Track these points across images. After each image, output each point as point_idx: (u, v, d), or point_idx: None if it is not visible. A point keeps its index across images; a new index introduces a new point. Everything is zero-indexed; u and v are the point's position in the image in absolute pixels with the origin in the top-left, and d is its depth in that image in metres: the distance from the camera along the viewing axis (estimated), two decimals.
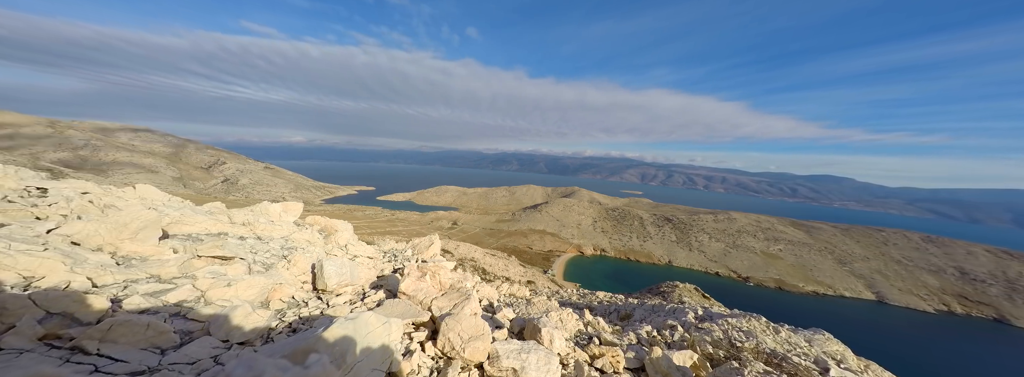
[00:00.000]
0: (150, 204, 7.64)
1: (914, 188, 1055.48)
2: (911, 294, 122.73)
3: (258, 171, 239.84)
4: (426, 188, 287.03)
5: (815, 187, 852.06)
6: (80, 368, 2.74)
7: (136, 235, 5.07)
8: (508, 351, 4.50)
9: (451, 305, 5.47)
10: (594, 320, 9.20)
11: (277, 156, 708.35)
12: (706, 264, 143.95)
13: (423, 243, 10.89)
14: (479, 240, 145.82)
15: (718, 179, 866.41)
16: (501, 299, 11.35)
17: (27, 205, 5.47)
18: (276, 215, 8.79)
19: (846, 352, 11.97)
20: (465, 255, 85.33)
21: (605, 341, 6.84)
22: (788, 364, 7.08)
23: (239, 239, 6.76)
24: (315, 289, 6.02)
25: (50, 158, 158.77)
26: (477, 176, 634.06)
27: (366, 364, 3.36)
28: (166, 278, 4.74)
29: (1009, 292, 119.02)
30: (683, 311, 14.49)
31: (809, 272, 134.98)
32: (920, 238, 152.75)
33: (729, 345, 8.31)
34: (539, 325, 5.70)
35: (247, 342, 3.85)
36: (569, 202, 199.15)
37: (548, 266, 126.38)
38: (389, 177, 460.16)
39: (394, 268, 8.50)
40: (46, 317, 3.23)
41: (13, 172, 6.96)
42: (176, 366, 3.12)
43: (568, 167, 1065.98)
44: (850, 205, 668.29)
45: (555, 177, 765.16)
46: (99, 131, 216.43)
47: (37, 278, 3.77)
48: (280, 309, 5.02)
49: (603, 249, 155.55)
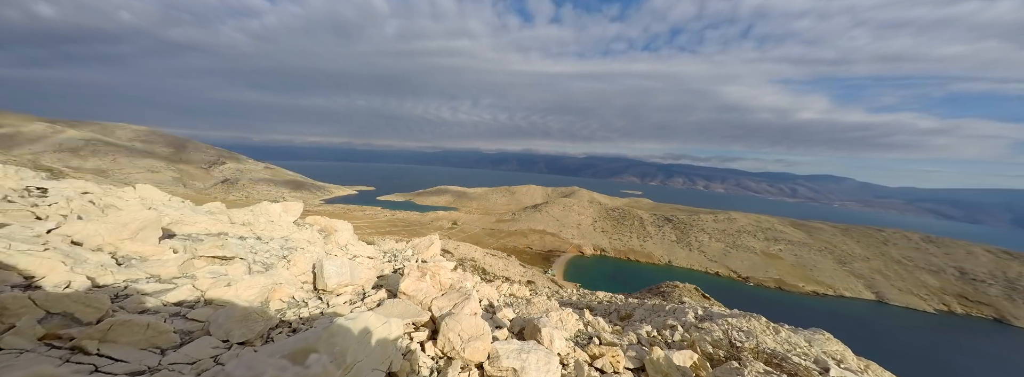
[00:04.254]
0: (150, 204, 7.64)
1: (914, 188, 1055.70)
2: (911, 294, 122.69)
3: (258, 171, 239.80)
4: (426, 188, 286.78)
5: (815, 187, 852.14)
6: (80, 368, 2.74)
7: (136, 235, 5.07)
8: (508, 351, 4.50)
9: (451, 305, 5.47)
10: (594, 320, 9.19)
11: (277, 156, 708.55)
12: (706, 264, 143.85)
13: (423, 243, 10.89)
14: (479, 240, 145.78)
15: (718, 179, 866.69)
16: (501, 299, 11.35)
17: (27, 205, 5.48)
18: (276, 215, 8.79)
19: (846, 352, 11.98)
20: (465, 255, 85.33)
21: (605, 341, 6.84)
22: (788, 364, 7.08)
23: (239, 239, 6.76)
24: (315, 289, 6.02)
25: (50, 158, 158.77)
26: (477, 176, 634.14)
27: (366, 364, 3.36)
28: (166, 278, 4.74)
29: (1009, 292, 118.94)
30: (683, 311, 14.49)
31: (809, 272, 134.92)
32: (920, 238, 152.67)
33: (729, 345, 8.31)
34: (539, 325, 5.70)
35: (247, 342, 3.85)
36: (569, 202, 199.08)
37: (548, 266, 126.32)
38: (389, 177, 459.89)
39: (394, 268, 8.51)
40: (46, 317, 3.23)
41: (13, 172, 6.96)
42: (176, 366, 3.12)
43: (568, 167, 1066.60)
44: (850, 205, 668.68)
45: (555, 177, 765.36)
46: (99, 131, 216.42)
47: (37, 278, 3.77)
48: (280, 309, 5.03)
49: (603, 249, 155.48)
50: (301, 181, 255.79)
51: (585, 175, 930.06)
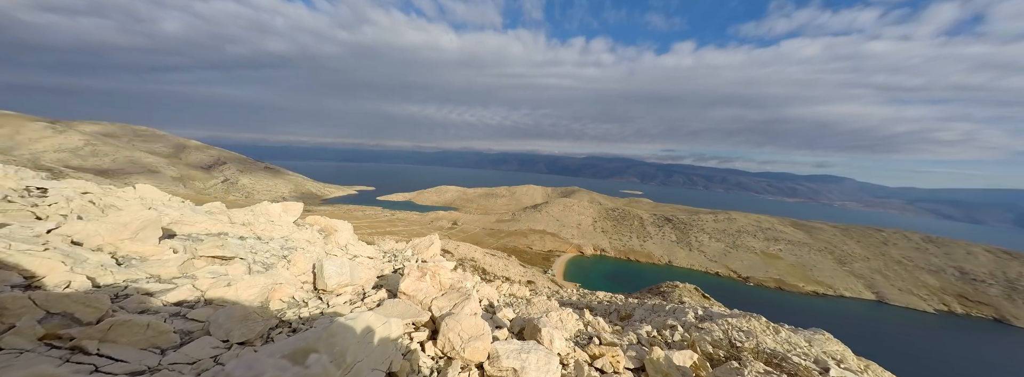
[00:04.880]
0: (150, 204, 7.64)
1: (914, 188, 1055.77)
2: (911, 294, 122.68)
3: (258, 171, 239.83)
4: (426, 188, 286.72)
5: (815, 187, 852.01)
6: (80, 368, 2.74)
7: (136, 235, 5.07)
8: (508, 351, 4.50)
9: (451, 305, 5.47)
10: (594, 320, 9.19)
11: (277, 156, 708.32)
12: (706, 264, 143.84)
13: (423, 243, 10.89)
14: (479, 240, 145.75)
15: (718, 179, 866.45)
16: (501, 299, 11.35)
17: (27, 205, 5.48)
18: (276, 215, 8.79)
19: (846, 352, 11.98)
20: (465, 255, 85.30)
21: (605, 341, 6.84)
22: (788, 364, 7.08)
23: (239, 239, 6.76)
24: (315, 289, 6.02)
25: (50, 158, 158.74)
26: (477, 176, 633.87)
27: (366, 364, 3.36)
28: (166, 278, 4.74)
29: (1009, 292, 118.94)
30: (683, 311, 14.49)
31: (809, 272, 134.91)
32: (920, 238, 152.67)
33: (729, 345, 8.31)
34: (539, 325, 5.70)
35: (247, 342, 3.85)
36: (569, 202, 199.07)
37: (548, 266, 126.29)
38: (389, 177, 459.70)
39: (394, 268, 8.51)
40: (46, 317, 3.23)
41: (13, 172, 6.96)
42: (176, 366, 3.12)
43: (568, 167, 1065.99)
44: (850, 205, 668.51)
45: (555, 177, 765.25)
46: (100, 131, 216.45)
47: (37, 278, 3.77)
48: (280, 309, 5.02)
49: (603, 249, 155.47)
50: (301, 181, 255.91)
51: (585, 175, 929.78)
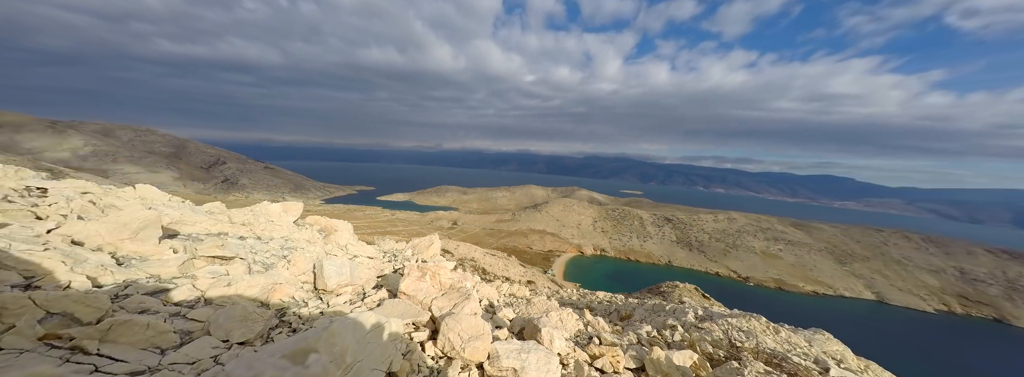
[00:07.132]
0: (150, 204, 7.64)
1: (914, 188, 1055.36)
2: (911, 294, 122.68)
3: (258, 171, 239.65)
4: (426, 188, 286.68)
5: (815, 187, 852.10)
6: (80, 368, 2.74)
7: (136, 235, 5.07)
8: (508, 351, 4.50)
9: (451, 305, 5.47)
10: (594, 320, 9.19)
11: (277, 156, 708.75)
12: (706, 264, 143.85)
13: (423, 243, 10.88)
14: (479, 240, 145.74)
15: (718, 179, 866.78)
16: (501, 299, 11.34)
17: (27, 205, 5.48)
18: (276, 215, 8.79)
19: (846, 352, 11.96)
20: (465, 255, 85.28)
21: (605, 341, 6.84)
22: (788, 364, 7.08)
23: (239, 239, 6.77)
24: (315, 289, 6.02)
25: (50, 158, 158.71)
26: (477, 176, 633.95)
27: (366, 364, 3.36)
28: (166, 278, 4.74)
29: (1009, 292, 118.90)
30: (683, 311, 14.48)
31: (809, 272, 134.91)
32: (920, 238, 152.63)
33: (729, 345, 8.30)
34: (539, 325, 5.70)
35: (247, 342, 3.85)
36: (569, 202, 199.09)
37: (548, 266, 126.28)
38: (389, 177, 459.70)
39: (394, 268, 8.50)
40: (46, 317, 3.23)
41: (13, 172, 6.96)
42: (176, 366, 3.12)
43: (568, 167, 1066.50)
44: (850, 205, 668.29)
45: (555, 177, 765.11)
46: (99, 131, 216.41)
47: (37, 278, 3.77)
48: (280, 309, 5.02)
49: (603, 249, 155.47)
50: (301, 181, 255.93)
51: (585, 175, 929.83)
